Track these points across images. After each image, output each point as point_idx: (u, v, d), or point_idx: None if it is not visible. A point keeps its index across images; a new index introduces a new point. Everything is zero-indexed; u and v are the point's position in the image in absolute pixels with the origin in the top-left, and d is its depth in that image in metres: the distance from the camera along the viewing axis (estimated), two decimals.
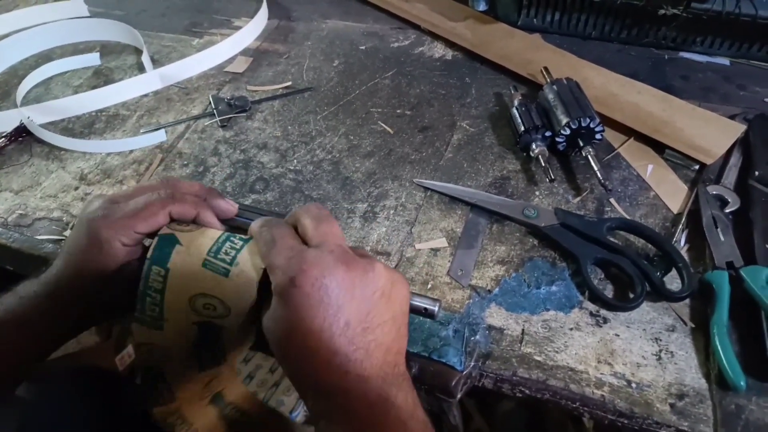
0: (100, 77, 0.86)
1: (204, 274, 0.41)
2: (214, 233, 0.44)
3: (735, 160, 0.65)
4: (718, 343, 0.49)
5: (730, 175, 0.64)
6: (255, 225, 0.43)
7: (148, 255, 0.42)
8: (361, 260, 0.38)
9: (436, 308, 0.44)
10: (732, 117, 0.69)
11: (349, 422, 0.36)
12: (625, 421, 0.48)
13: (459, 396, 0.51)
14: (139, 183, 0.50)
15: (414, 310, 0.43)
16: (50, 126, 0.78)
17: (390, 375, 0.37)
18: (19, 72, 0.88)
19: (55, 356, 1.24)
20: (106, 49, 0.92)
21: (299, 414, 1.28)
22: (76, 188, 0.69)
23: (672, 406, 0.47)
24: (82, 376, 0.69)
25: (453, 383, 0.50)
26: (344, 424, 0.36)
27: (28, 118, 0.75)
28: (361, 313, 0.37)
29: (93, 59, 0.89)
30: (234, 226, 0.48)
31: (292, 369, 0.38)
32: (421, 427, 0.37)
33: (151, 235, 0.44)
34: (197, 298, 0.41)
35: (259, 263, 0.41)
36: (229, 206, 0.49)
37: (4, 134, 0.75)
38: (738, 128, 0.67)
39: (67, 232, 0.64)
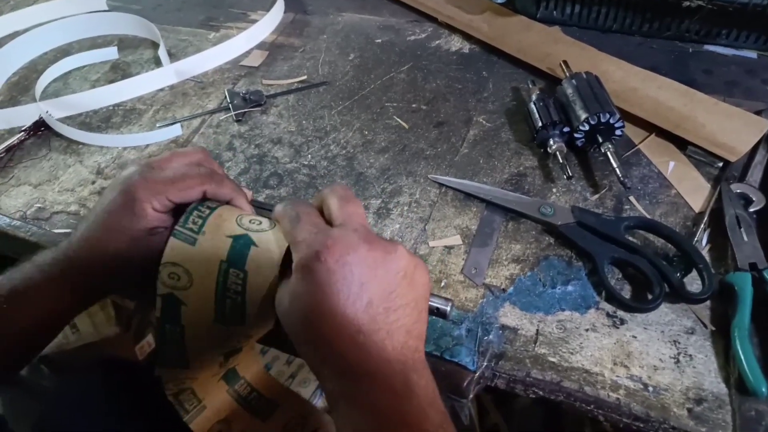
0: (118, 71, 0.87)
1: (172, 242, 0.42)
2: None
3: (760, 158, 0.63)
4: (739, 346, 0.48)
5: (755, 173, 0.62)
6: (279, 205, 0.43)
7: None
8: (384, 241, 0.38)
9: (449, 308, 0.43)
10: (757, 113, 0.67)
11: (371, 406, 0.36)
12: (641, 425, 0.47)
13: (471, 396, 0.50)
14: (173, 150, 0.51)
15: None
16: (68, 120, 0.79)
17: (411, 360, 0.37)
18: (38, 66, 0.89)
19: (75, 346, 1.26)
20: (124, 43, 0.92)
21: (317, 403, 1.29)
22: (93, 182, 0.70)
23: (689, 410, 0.46)
24: (103, 365, 0.70)
25: (465, 383, 0.50)
26: (365, 408, 0.36)
27: (47, 112, 0.76)
28: (384, 293, 0.37)
29: (111, 53, 0.89)
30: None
31: (312, 348, 0.38)
32: (441, 416, 0.36)
33: (183, 206, 0.45)
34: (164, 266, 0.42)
35: (283, 242, 0.41)
36: (246, 205, 0.49)
37: (23, 128, 0.75)
38: (764, 124, 0.65)
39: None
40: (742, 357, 0.47)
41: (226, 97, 0.79)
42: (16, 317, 0.45)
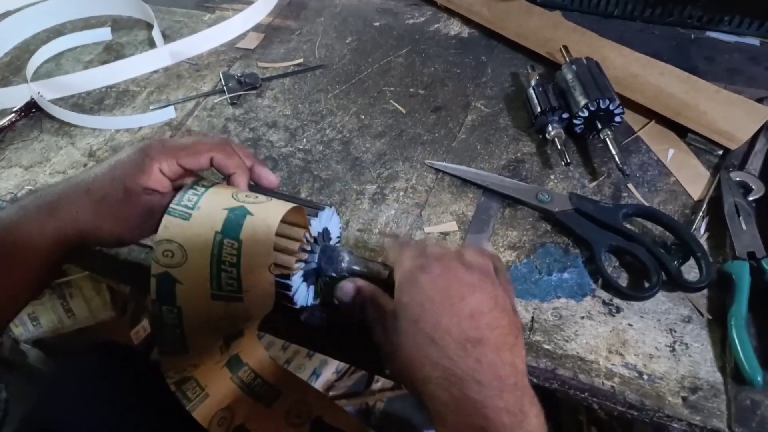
0: (111, 53, 0.86)
1: (166, 218, 0.43)
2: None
3: (761, 146, 0.63)
4: (735, 335, 0.47)
5: (755, 162, 0.61)
6: (386, 241, 0.51)
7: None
8: (480, 272, 0.42)
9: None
10: (759, 100, 0.66)
11: (483, 418, 0.36)
12: (635, 414, 0.46)
13: None
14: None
15: None
16: (60, 102, 0.78)
17: (522, 383, 0.38)
18: (30, 47, 0.87)
19: (70, 330, 1.26)
20: (118, 24, 0.91)
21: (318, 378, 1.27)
22: (85, 165, 0.69)
23: (684, 399, 0.46)
24: (98, 350, 0.70)
25: None
26: (477, 418, 0.36)
27: (39, 93, 0.75)
28: (485, 309, 0.39)
29: (104, 34, 0.88)
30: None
31: (421, 355, 0.39)
32: None
33: (191, 174, 0.47)
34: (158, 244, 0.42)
35: (281, 209, 0.42)
36: (273, 177, 0.51)
37: (14, 109, 0.74)
38: (765, 112, 0.65)
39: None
40: (739, 346, 0.47)
41: (221, 79, 0.78)
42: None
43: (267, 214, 0.42)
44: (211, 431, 0.47)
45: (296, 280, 0.46)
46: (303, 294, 0.48)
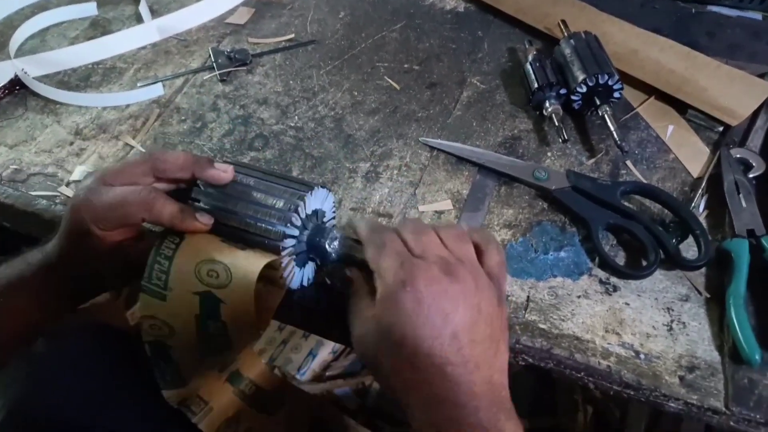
0: (97, 28, 0.83)
1: (217, 242, 0.44)
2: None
3: (762, 122, 0.61)
4: (733, 314, 0.46)
5: (756, 138, 0.60)
6: (364, 230, 0.44)
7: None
8: (463, 271, 0.39)
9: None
10: (761, 76, 0.65)
11: None
12: (632, 393, 0.46)
13: None
14: (125, 159, 0.50)
15: None
16: (45, 79, 0.75)
17: (498, 398, 0.38)
18: (14, 23, 0.84)
19: None
20: None
21: (306, 372, 1.29)
22: (72, 143, 0.67)
23: (681, 378, 0.45)
24: (93, 331, 0.69)
25: None
26: None
27: (23, 70, 0.73)
28: (467, 325, 0.38)
29: (90, 9, 0.85)
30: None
31: (399, 377, 0.38)
32: None
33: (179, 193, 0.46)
34: (204, 264, 0.42)
35: (250, 284, 0.41)
36: (222, 173, 0.46)
37: None
38: (766, 88, 0.63)
39: (62, 188, 0.62)
40: (737, 325, 0.46)
41: (210, 55, 0.75)
42: (10, 311, 0.46)
43: (239, 298, 0.41)
44: None
45: (286, 263, 0.45)
46: (297, 277, 0.47)
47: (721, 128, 0.62)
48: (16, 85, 0.73)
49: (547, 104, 0.63)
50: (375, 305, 0.40)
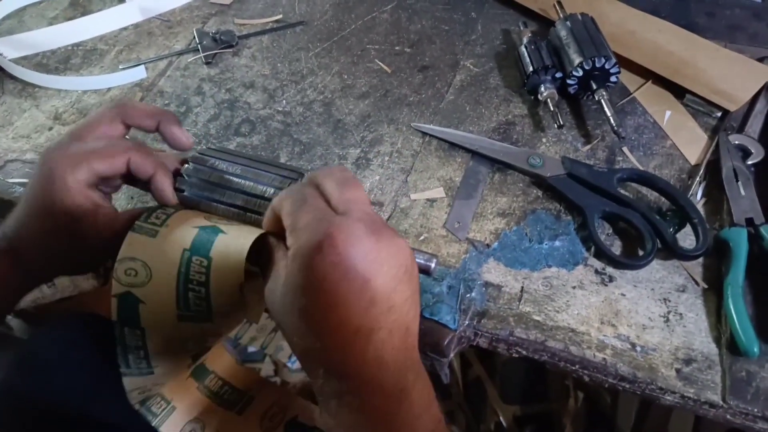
0: (77, 8, 0.80)
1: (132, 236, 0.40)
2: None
3: (761, 107, 0.60)
4: (731, 305, 0.45)
5: (755, 124, 0.59)
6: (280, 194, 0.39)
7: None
8: (389, 230, 0.35)
9: (433, 264, 0.40)
10: (761, 59, 0.64)
11: (362, 407, 0.34)
12: (627, 386, 0.45)
13: (452, 355, 0.48)
14: (90, 114, 0.47)
15: None
16: (23, 61, 0.73)
17: (409, 360, 0.35)
18: None
19: (52, 300, 1.23)
20: None
21: (297, 361, 1.28)
22: (50, 128, 0.65)
23: (678, 371, 0.44)
24: (80, 320, 0.67)
25: (445, 342, 0.47)
26: (357, 409, 0.34)
27: None
28: (387, 290, 0.33)
29: None
30: (225, 186, 0.43)
31: (304, 344, 0.35)
32: (434, 423, 0.35)
33: (110, 179, 0.42)
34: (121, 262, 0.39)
35: (254, 232, 0.38)
36: (184, 138, 0.45)
37: None
38: (766, 72, 0.62)
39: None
40: (735, 316, 0.45)
41: (194, 37, 0.73)
42: None
43: (241, 233, 0.38)
44: None
45: None
46: None
47: (719, 114, 0.60)
48: None
49: (542, 88, 0.61)
50: (286, 267, 0.35)
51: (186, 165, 0.44)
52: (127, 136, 0.45)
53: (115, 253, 0.39)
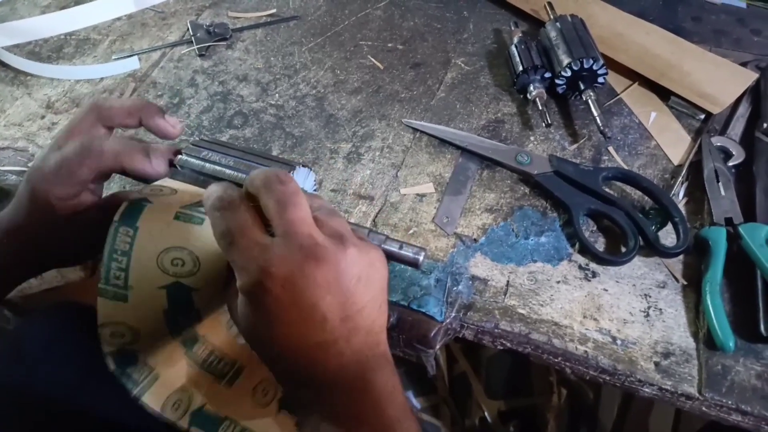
0: None
1: (176, 225, 0.39)
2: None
3: (743, 110, 0.61)
4: (709, 301, 0.47)
5: (737, 126, 0.60)
6: (208, 200, 0.36)
7: (116, 218, 0.39)
8: (333, 246, 0.34)
9: (421, 257, 0.41)
10: (743, 64, 0.65)
11: (328, 410, 0.36)
12: (607, 378, 0.46)
13: (438, 347, 0.49)
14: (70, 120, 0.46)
15: (398, 259, 0.41)
16: (15, 49, 0.73)
17: (370, 357, 0.36)
18: None
19: (39, 290, 1.22)
20: None
21: None
22: (43, 117, 0.65)
23: (656, 364, 0.46)
24: (68, 311, 0.67)
25: (432, 334, 0.48)
26: (323, 413, 0.36)
27: None
28: (339, 305, 0.34)
29: None
30: (207, 174, 0.44)
31: (267, 363, 0.37)
32: (399, 411, 0.35)
33: (98, 178, 0.42)
34: (167, 252, 0.39)
35: (219, 265, 0.39)
36: (170, 127, 0.44)
37: None
38: (749, 76, 0.63)
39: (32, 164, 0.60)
40: (712, 312, 0.46)
41: (188, 29, 0.73)
42: None
43: (206, 281, 0.39)
44: (165, 416, 0.41)
45: None
46: None
47: (702, 116, 0.62)
48: None
49: (532, 88, 0.62)
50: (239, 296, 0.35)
51: (179, 156, 0.44)
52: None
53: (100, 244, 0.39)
